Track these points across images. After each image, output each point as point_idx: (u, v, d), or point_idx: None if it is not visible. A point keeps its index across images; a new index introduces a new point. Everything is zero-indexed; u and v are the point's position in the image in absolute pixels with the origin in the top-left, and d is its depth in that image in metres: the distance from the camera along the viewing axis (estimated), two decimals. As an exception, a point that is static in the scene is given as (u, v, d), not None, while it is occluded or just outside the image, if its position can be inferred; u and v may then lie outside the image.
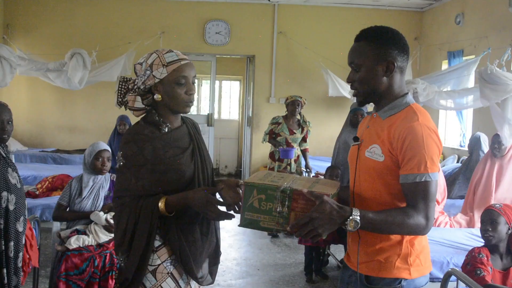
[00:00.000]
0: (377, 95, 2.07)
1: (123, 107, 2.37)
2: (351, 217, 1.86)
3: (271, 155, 7.01)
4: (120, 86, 2.33)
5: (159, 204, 2.13)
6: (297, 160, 6.93)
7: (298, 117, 7.01)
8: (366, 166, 2.06)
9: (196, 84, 2.34)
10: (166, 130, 2.27)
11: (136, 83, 2.27)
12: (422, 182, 1.90)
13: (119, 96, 2.34)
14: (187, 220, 2.25)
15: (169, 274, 2.24)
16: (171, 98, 2.24)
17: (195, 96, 2.37)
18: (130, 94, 2.30)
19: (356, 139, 2.16)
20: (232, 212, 2.27)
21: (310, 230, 1.87)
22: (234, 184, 2.34)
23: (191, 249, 2.24)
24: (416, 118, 1.96)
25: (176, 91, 2.22)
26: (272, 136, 6.97)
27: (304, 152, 7.09)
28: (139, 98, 2.29)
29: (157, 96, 2.24)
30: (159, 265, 2.22)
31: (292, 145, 6.86)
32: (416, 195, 1.92)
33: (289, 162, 6.83)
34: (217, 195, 2.33)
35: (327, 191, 1.97)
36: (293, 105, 6.87)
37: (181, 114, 2.37)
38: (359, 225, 1.87)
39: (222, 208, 2.23)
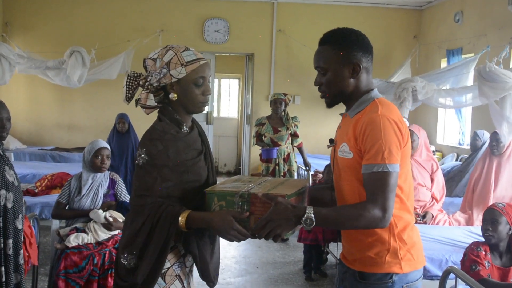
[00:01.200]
0: (345, 96, 2.11)
1: (128, 104, 2.32)
2: (305, 215, 1.89)
3: (261, 157, 6.87)
4: (128, 81, 2.25)
5: (180, 218, 2.05)
6: (287, 159, 6.73)
7: (283, 114, 6.80)
8: (341, 165, 2.10)
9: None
10: (186, 129, 2.24)
11: (148, 80, 2.19)
12: (380, 172, 1.90)
13: (128, 92, 2.26)
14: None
15: (177, 277, 2.21)
16: (187, 98, 2.18)
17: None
18: (143, 92, 2.23)
19: (331, 141, 2.22)
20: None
21: (269, 231, 1.92)
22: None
23: (203, 254, 2.21)
24: (376, 110, 1.99)
25: (194, 92, 2.17)
26: (259, 138, 6.86)
27: (299, 148, 6.91)
28: (151, 96, 2.23)
29: (173, 95, 2.17)
30: (168, 268, 2.18)
31: (279, 143, 6.67)
32: (373, 186, 1.92)
33: (277, 162, 6.66)
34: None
35: (284, 192, 2.01)
36: (275, 103, 6.74)
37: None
38: (314, 222, 1.90)
39: None
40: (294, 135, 6.81)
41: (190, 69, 2.14)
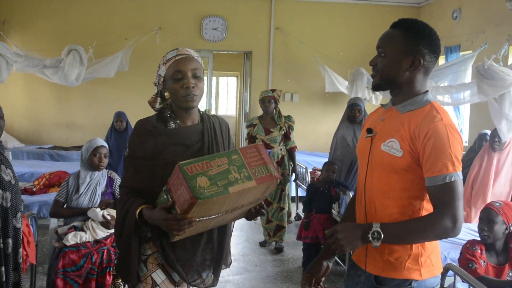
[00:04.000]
0: (394, 85, 2.04)
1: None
2: (372, 229, 1.89)
3: None
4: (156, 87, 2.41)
5: (136, 212, 2.18)
6: (281, 163, 6.02)
7: (274, 113, 6.13)
8: (380, 160, 2.02)
9: (203, 77, 2.31)
10: (173, 126, 2.31)
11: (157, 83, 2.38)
12: (452, 182, 1.86)
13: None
14: None
15: (160, 265, 2.26)
16: (172, 94, 2.28)
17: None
18: (153, 96, 2.37)
19: (370, 131, 2.10)
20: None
21: (335, 242, 1.93)
22: None
23: (180, 252, 2.25)
24: (439, 117, 1.92)
25: (174, 87, 2.25)
26: (250, 140, 6.16)
27: (290, 152, 6.18)
28: (159, 100, 2.36)
29: (166, 94, 2.31)
30: (149, 255, 2.26)
31: (272, 145, 5.98)
32: (445, 196, 1.87)
33: None
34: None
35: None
36: (263, 102, 6.04)
37: (208, 114, 2.43)
38: (382, 236, 1.88)
39: None
40: (286, 137, 6.13)
41: (167, 66, 2.27)
